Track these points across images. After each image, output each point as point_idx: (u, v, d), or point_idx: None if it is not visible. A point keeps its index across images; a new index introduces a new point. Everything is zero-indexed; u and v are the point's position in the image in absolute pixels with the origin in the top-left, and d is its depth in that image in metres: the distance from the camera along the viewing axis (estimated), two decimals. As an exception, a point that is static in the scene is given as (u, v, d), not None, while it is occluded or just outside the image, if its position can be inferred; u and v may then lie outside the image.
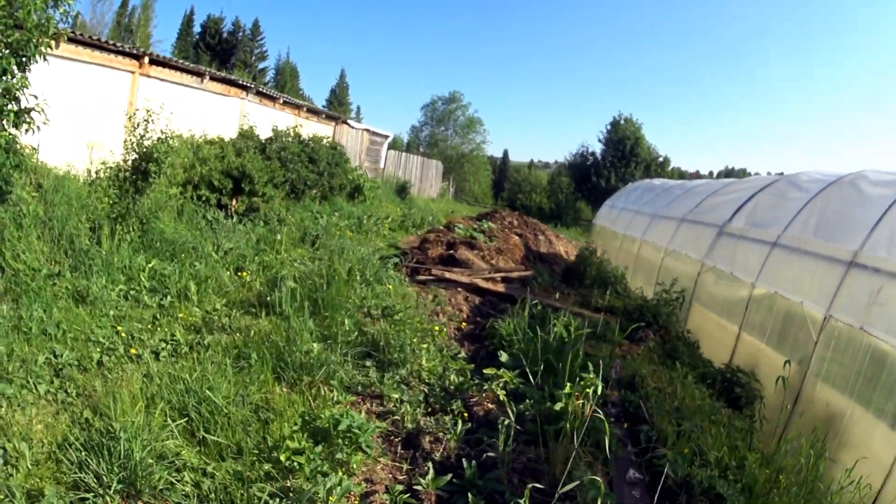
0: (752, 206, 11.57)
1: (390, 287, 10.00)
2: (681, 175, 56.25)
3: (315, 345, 6.60)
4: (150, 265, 9.03)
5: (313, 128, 24.19)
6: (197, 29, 65.60)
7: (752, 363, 9.07)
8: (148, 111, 10.42)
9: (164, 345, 6.73)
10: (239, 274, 9.86)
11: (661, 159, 53.04)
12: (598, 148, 53.27)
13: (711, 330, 10.88)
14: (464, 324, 9.91)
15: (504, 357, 7.90)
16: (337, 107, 71.65)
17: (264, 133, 18.50)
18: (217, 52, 62.81)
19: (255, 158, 15.05)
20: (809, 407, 7.57)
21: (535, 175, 60.44)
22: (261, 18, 76.32)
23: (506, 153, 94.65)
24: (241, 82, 20.04)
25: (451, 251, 14.64)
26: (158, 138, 10.56)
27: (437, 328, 8.34)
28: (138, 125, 10.33)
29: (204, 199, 13.58)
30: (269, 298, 8.39)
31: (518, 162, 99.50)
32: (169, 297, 8.23)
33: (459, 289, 12.23)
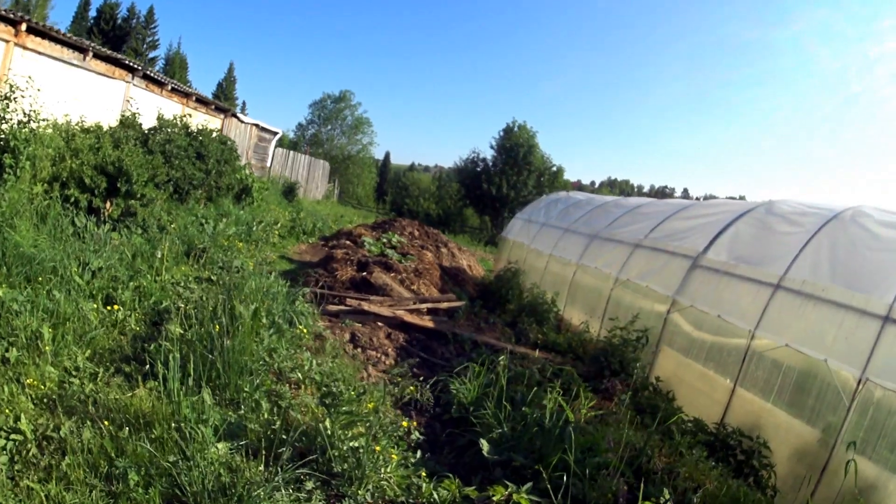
0: (732, 237, 10.13)
1: (304, 330, 7.90)
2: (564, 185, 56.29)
3: (220, 446, 4.45)
4: (-6, 295, 6.61)
5: (202, 119, 21.53)
6: (94, 13, 61.04)
7: (753, 424, 7.88)
8: (12, 86, 7.94)
9: (1, 443, 4.41)
10: (109, 308, 7.47)
11: (554, 168, 52.29)
12: (489, 154, 51.89)
13: (692, 380, 9.36)
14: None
15: (486, 447, 5.94)
16: (223, 101, 68.28)
17: (148, 122, 15.76)
18: (109, 38, 58.65)
19: (135, 152, 12.49)
20: (835, 479, 6.56)
21: (422, 179, 58.94)
22: (156, 5, 71.62)
23: (387, 155, 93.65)
24: (127, 62, 17.26)
25: (365, 273, 12.74)
26: (20, 121, 8.09)
27: (405, 423, 6.09)
28: (-5, 104, 7.87)
29: (73, 200, 11.00)
30: (148, 349, 6.22)
31: (398, 164, 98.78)
32: (15, 350, 5.82)
33: (379, 322, 10.23)
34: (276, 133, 32.41)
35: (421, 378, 7.78)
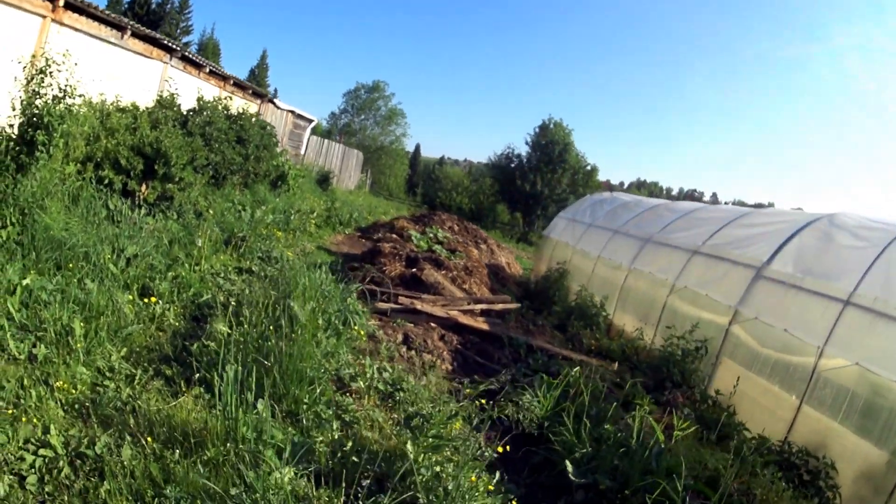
0: (797, 248, 9.57)
1: (360, 332, 7.37)
2: (597, 185, 55.71)
3: (286, 471, 3.86)
4: (24, 281, 6.21)
5: (240, 103, 20.98)
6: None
7: (819, 443, 7.49)
8: (48, 59, 7.53)
9: (29, 459, 3.93)
10: (146, 299, 6.99)
11: (588, 167, 51.50)
12: (524, 150, 50.91)
13: (754, 395, 8.83)
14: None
15: (570, 468, 5.52)
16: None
17: (186, 104, 15.25)
18: (143, 22, 57.80)
19: (174, 133, 11.94)
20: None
21: (455, 173, 58.20)
22: (192, -10, 71.42)
23: (417, 147, 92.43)
24: (165, 42, 16.72)
25: (414, 269, 12.13)
26: (54, 96, 7.67)
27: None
28: (32, 78, 7.55)
29: (107, 182, 10.55)
30: (190, 349, 5.74)
31: (428, 157, 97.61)
32: (43, 346, 5.35)
33: (432, 323, 9.71)
34: (311, 121, 31.73)
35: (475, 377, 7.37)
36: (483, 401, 6.10)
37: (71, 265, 7.02)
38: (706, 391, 9.27)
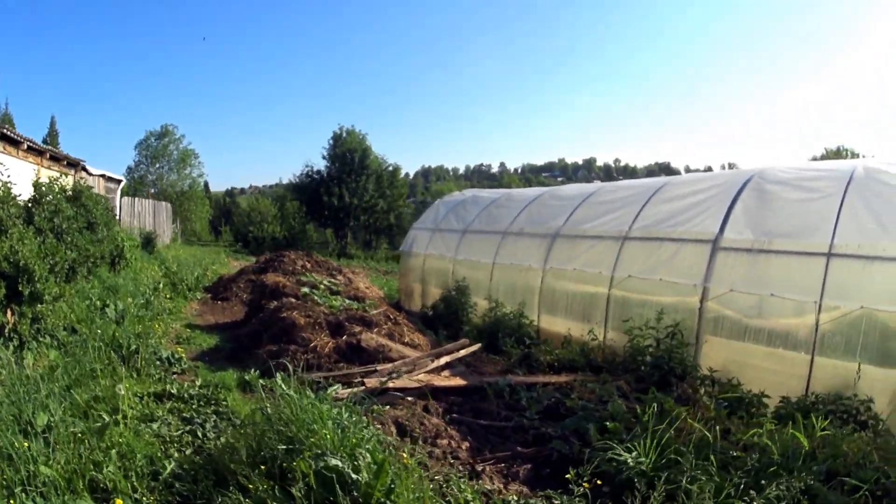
0: (744, 213, 9.86)
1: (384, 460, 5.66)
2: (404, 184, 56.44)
3: None
4: None
5: (63, 179, 18.22)
6: None
7: (842, 385, 7.96)
8: None
9: None
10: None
11: (391, 168, 52.04)
12: (323, 165, 50.68)
13: (758, 363, 9.04)
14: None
15: None
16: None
17: (18, 191, 12.60)
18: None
19: (28, 237, 9.73)
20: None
21: (263, 203, 56.52)
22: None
23: (206, 185, 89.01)
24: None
25: (347, 336, 10.68)
26: None
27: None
28: None
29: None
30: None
31: (216, 192, 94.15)
32: None
33: (408, 398, 8.31)
34: (119, 181, 29.52)
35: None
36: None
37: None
38: (705, 374, 9.16)
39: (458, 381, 9.17)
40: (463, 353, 10.54)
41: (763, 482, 5.18)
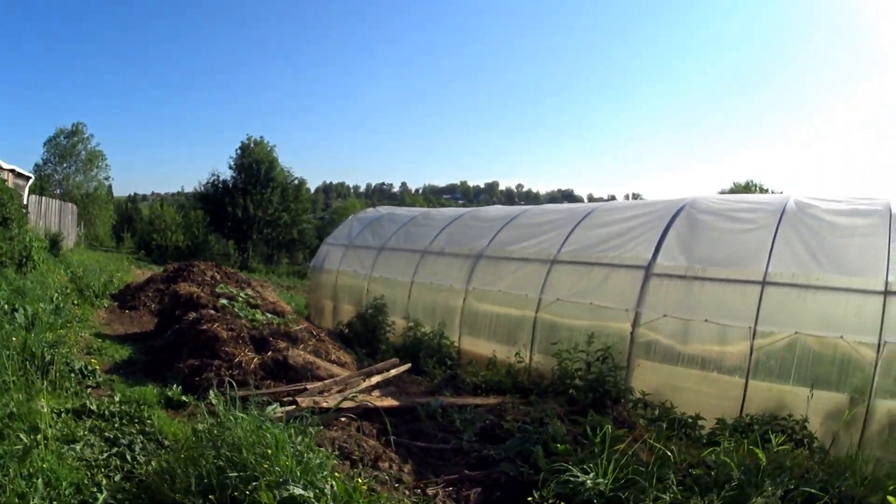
0: (677, 240, 10.09)
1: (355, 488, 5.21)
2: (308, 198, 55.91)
3: None
4: None
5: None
6: None
7: (776, 407, 8.50)
8: None
9: None
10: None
11: (296, 181, 51.44)
12: (229, 175, 49.44)
13: (691, 386, 9.36)
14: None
15: None
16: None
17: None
18: None
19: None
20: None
21: (168, 212, 54.39)
22: None
23: (110, 188, 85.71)
24: None
25: (272, 351, 9.98)
26: None
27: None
28: None
29: None
30: None
31: (118, 197, 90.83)
32: None
33: (342, 418, 7.79)
34: (28, 178, 27.18)
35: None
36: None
37: None
38: (636, 398, 9.22)
39: (391, 402, 8.75)
40: (394, 372, 10.14)
41: (739, 498, 5.25)
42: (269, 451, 4.82)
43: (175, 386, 8.64)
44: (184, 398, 8.33)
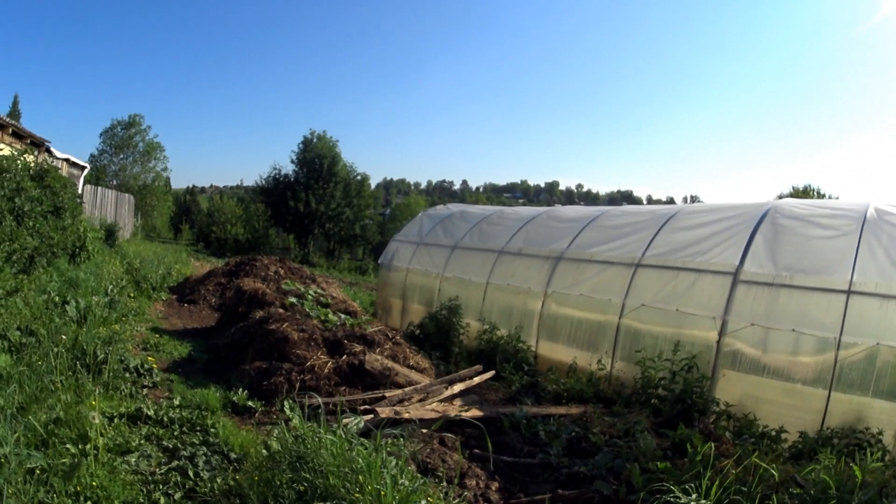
0: (764, 246, 9.81)
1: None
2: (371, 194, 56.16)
3: None
4: None
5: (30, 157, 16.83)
6: None
7: (855, 419, 8.43)
8: None
9: None
10: None
11: (359, 178, 51.46)
12: (291, 169, 50.07)
13: (774, 398, 9.19)
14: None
15: None
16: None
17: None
18: None
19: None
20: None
21: (228, 204, 55.14)
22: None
23: (168, 180, 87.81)
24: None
25: (347, 355, 9.54)
26: None
27: None
28: None
29: None
30: None
31: (176, 189, 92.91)
32: None
33: (423, 430, 7.54)
34: (84, 168, 27.77)
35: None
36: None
37: None
38: (722, 409, 9.00)
39: (475, 412, 8.54)
40: (477, 380, 9.96)
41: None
42: (362, 479, 4.46)
43: (241, 390, 8.38)
44: (250, 403, 8.05)
